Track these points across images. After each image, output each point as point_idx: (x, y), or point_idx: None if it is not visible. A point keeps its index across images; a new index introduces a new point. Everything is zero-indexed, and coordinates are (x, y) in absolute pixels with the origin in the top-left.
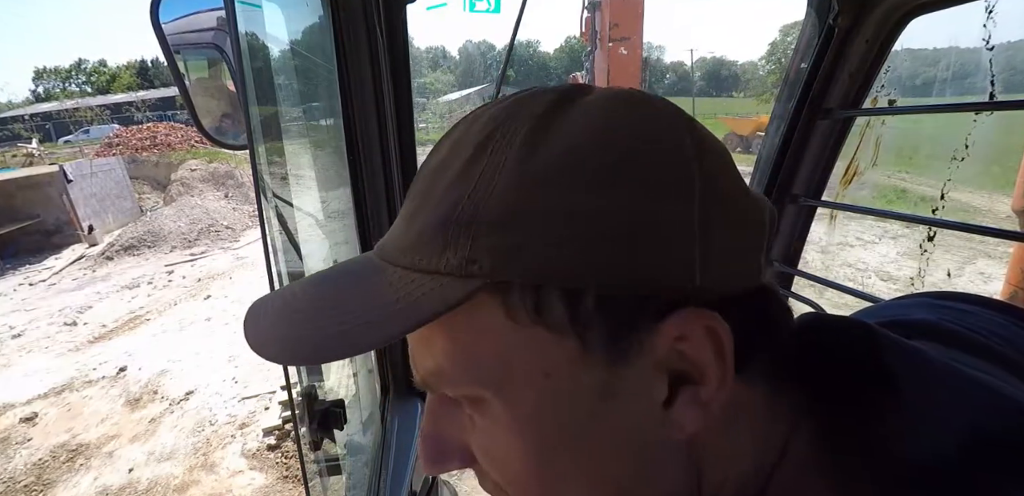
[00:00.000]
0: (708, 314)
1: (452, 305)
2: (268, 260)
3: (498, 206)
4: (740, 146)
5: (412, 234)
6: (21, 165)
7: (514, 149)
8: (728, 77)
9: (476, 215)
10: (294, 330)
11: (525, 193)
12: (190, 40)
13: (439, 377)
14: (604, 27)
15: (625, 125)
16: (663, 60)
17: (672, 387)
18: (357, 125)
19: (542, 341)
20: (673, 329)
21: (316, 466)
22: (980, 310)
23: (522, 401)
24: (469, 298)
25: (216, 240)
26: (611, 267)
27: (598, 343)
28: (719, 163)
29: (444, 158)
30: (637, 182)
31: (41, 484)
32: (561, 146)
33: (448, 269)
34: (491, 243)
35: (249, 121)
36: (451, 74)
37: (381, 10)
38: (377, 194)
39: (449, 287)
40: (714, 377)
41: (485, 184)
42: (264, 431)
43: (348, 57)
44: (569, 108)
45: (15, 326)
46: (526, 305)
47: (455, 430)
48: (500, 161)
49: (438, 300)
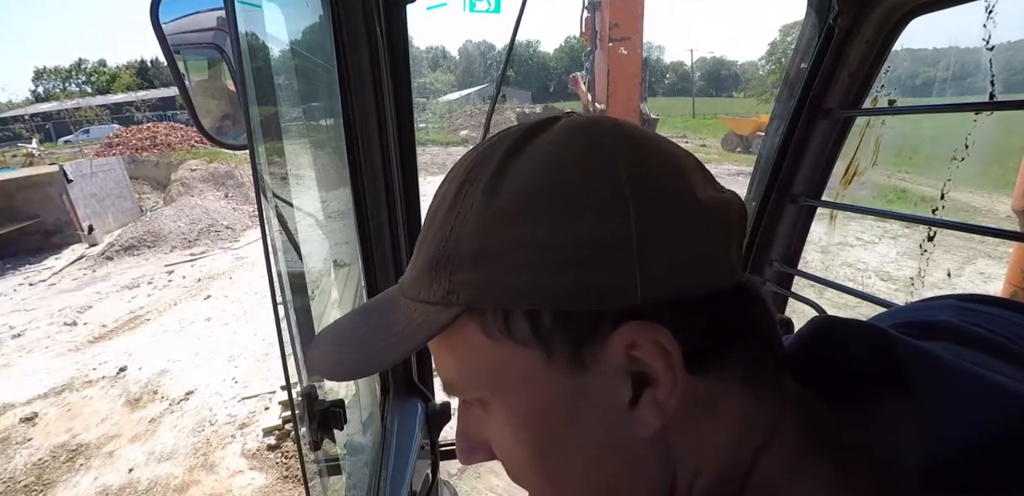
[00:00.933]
0: (652, 326)
1: (439, 329)
2: (268, 260)
3: (469, 245)
4: (740, 146)
5: (415, 271)
6: (21, 165)
7: (479, 193)
8: (728, 77)
9: (453, 254)
10: (340, 355)
11: (488, 233)
12: (190, 40)
13: (453, 385)
14: (604, 27)
15: (566, 162)
16: (663, 60)
17: (636, 388)
18: (357, 125)
19: (516, 354)
20: (623, 339)
21: (316, 466)
22: (1005, 313)
23: (514, 403)
24: (453, 323)
25: (216, 240)
26: (561, 289)
27: (560, 353)
28: (661, 182)
29: (438, 203)
30: (575, 213)
31: (41, 484)
32: (514, 189)
33: (436, 299)
34: (465, 278)
35: (249, 121)
36: (451, 74)
37: (381, 10)
38: (377, 194)
39: (437, 314)
40: (666, 380)
41: (459, 226)
42: (264, 431)
43: (348, 57)
44: (525, 150)
45: (15, 326)
46: (498, 325)
47: (479, 428)
48: (470, 205)
49: (430, 325)
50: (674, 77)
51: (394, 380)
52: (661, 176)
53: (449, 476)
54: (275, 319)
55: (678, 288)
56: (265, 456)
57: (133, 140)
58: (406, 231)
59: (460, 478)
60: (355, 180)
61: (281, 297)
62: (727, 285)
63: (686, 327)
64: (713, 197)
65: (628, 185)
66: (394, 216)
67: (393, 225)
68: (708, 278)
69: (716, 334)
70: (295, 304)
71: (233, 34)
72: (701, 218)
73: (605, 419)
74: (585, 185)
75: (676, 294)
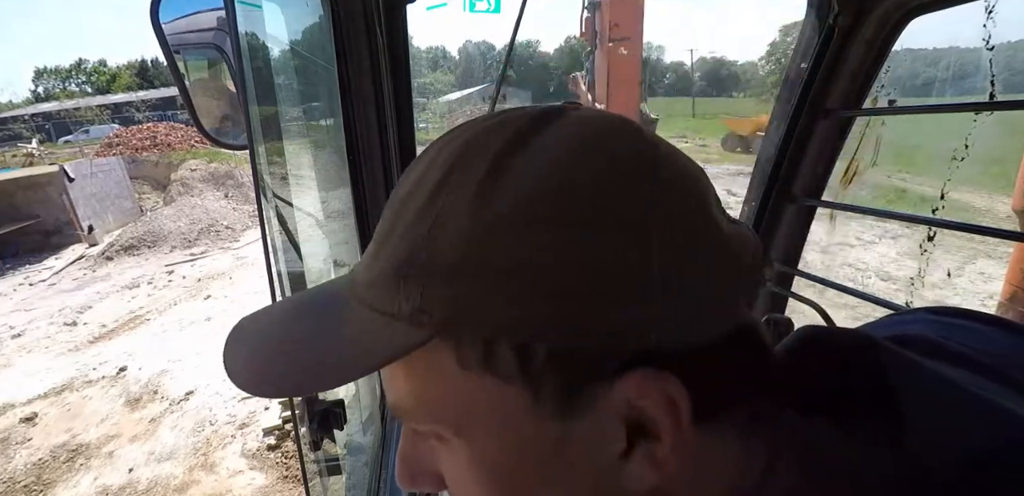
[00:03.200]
0: (665, 377)
1: (402, 353)
2: (268, 260)
3: (449, 256)
4: (740, 146)
5: (375, 272)
6: (21, 165)
7: (468, 194)
8: (728, 77)
9: (429, 264)
10: (264, 363)
11: (476, 245)
12: (190, 40)
13: (404, 410)
14: (604, 27)
15: (581, 174)
16: (663, 60)
17: (631, 438)
18: (357, 125)
19: (494, 390)
20: (628, 387)
21: (316, 466)
22: (975, 325)
23: (480, 444)
24: (420, 347)
25: (216, 240)
26: (561, 323)
27: (550, 396)
28: (686, 206)
29: (410, 190)
30: (588, 233)
31: (41, 484)
32: (514, 194)
33: (401, 315)
34: (442, 295)
35: (249, 121)
36: (451, 74)
37: (381, 10)
38: (377, 194)
39: (401, 334)
40: (669, 438)
41: (439, 230)
42: (264, 431)
43: (348, 57)
44: (529, 145)
45: (15, 326)
46: (476, 355)
47: (430, 458)
48: (455, 205)
49: (390, 347)
50: (674, 77)
51: None
52: (686, 200)
53: None
54: None
55: (695, 331)
56: (265, 456)
57: (133, 140)
58: None
59: None
60: (355, 180)
61: (281, 297)
62: (738, 327)
63: (696, 376)
64: (732, 231)
65: (654, 210)
66: None
67: None
68: (723, 320)
69: (726, 383)
70: None
71: (233, 34)
72: (722, 253)
73: (590, 471)
74: (601, 201)
75: (691, 337)
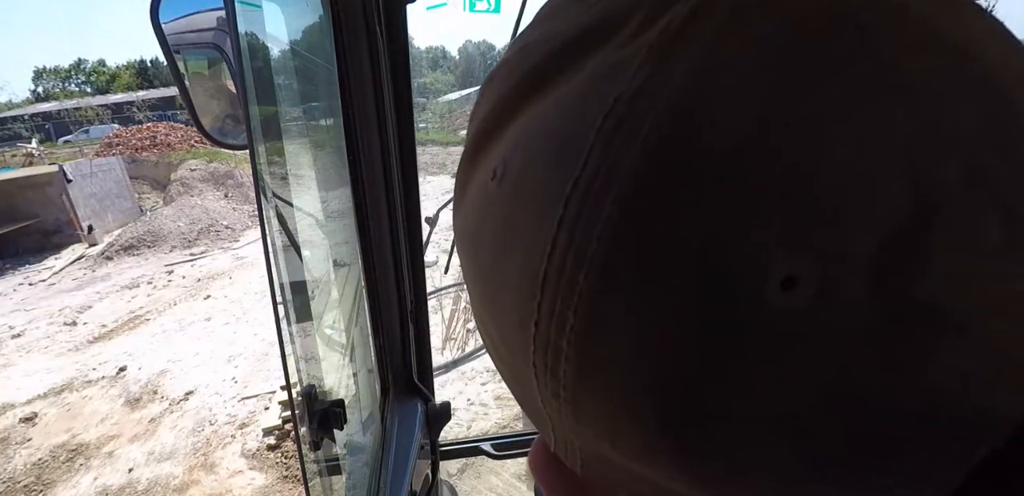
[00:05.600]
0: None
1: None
2: (268, 260)
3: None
4: None
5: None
6: (21, 165)
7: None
8: None
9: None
10: None
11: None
12: (190, 40)
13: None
14: None
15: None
16: None
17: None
18: (357, 125)
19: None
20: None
21: (316, 466)
22: None
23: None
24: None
25: (216, 240)
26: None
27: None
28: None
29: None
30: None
31: (41, 484)
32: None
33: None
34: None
35: (249, 121)
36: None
37: (381, 10)
38: (377, 194)
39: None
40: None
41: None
42: (264, 431)
43: (348, 57)
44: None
45: (15, 326)
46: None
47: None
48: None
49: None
50: None
51: (394, 380)
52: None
53: (449, 476)
54: (275, 319)
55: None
56: (265, 456)
57: (133, 140)
58: (406, 231)
59: (460, 478)
60: (355, 180)
61: (281, 297)
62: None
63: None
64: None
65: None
66: (394, 216)
67: (393, 225)
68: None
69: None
70: (295, 304)
71: (233, 34)
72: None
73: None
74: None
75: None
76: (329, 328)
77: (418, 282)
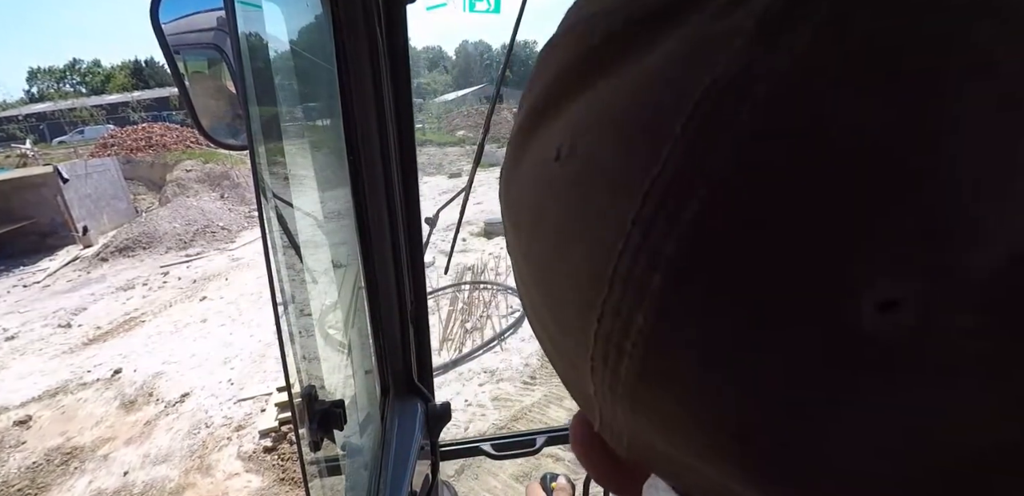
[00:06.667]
0: None
1: None
2: (268, 260)
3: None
4: None
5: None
6: (15, 166)
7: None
8: None
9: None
10: None
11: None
12: (190, 40)
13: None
14: None
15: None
16: None
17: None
18: (357, 125)
19: None
20: None
21: (315, 467)
22: None
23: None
24: None
25: (212, 241)
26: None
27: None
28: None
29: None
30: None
31: (35, 488)
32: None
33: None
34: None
35: (249, 121)
36: (448, 75)
37: (381, 10)
38: (377, 194)
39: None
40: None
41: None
42: (260, 433)
43: (348, 57)
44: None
45: (9, 328)
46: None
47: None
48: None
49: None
50: None
51: (394, 380)
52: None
53: (448, 477)
54: (275, 319)
55: None
56: (261, 458)
57: (128, 141)
58: (406, 231)
59: (459, 478)
60: (355, 180)
61: (281, 297)
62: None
63: None
64: None
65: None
66: (394, 216)
67: (393, 225)
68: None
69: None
70: (295, 304)
71: (233, 34)
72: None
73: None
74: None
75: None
76: (329, 328)
77: (418, 283)
